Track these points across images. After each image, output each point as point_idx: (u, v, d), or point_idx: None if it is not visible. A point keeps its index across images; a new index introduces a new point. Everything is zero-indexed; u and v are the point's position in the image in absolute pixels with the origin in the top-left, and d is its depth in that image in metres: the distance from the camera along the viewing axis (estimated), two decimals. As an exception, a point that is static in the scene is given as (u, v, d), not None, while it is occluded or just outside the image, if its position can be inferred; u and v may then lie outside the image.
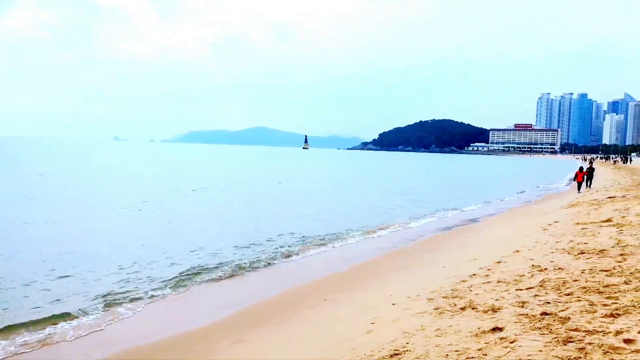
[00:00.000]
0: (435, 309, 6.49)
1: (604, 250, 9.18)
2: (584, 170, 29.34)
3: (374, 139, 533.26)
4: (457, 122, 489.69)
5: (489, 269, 8.79)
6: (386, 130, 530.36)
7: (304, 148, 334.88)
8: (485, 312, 6.00)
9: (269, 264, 11.37)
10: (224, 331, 7.23)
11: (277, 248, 12.85)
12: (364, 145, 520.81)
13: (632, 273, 7.01)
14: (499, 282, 7.65)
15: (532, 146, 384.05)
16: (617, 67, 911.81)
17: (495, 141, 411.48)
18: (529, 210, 22.12)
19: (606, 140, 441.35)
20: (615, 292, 6.14)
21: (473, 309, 6.23)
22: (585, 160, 74.51)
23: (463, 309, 6.31)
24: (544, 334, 4.92)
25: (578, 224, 13.74)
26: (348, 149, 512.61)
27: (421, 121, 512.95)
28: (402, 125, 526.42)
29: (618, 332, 4.62)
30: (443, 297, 7.04)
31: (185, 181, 34.27)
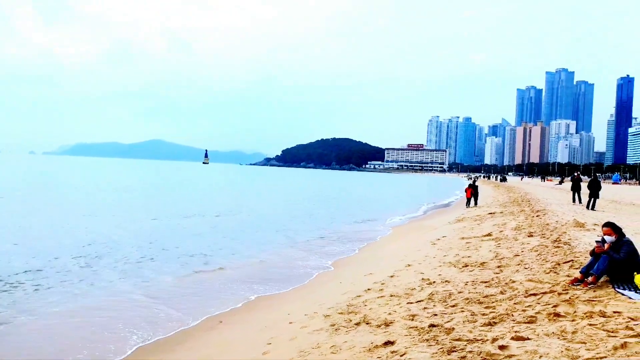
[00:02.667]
0: (332, 325, 6.57)
1: (484, 262, 9.96)
2: (472, 187, 31.90)
3: (277, 155, 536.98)
4: (356, 141, 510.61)
5: (383, 283, 9.12)
6: (289, 147, 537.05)
7: (203, 163, 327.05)
8: (379, 326, 6.18)
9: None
10: (109, 361, 6.67)
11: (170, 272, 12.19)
12: (267, 161, 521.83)
13: (506, 283, 7.68)
14: (392, 296, 7.95)
15: (424, 165, 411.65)
16: (494, 93, 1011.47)
17: (390, 159, 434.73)
18: (421, 225, 23.46)
19: (487, 160, 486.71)
20: (493, 302, 6.67)
21: (367, 323, 6.39)
22: (470, 179, 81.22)
23: (358, 324, 6.45)
24: (431, 345, 5.18)
25: (463, 238, 14.80)
26: (251, 164, 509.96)
27: (323, 139, 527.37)
28: (305, 142, 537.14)
29: (494, 340, 5.00)
30: (339, 313, 7.15)
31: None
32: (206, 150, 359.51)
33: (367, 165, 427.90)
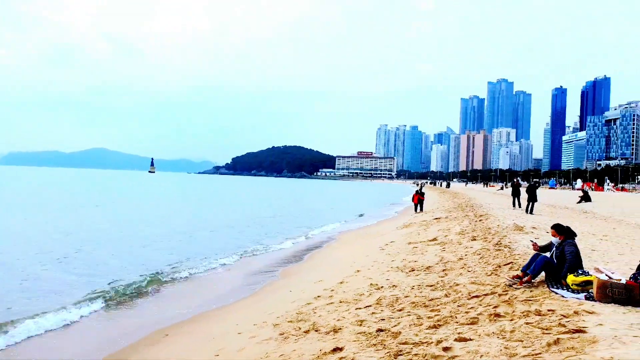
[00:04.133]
0: (281, 334, 6.53)
1: (430, 267, 10.23)
2: (419, 193, 32.80)
3: (227, 163, 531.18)
4: (307, 148, 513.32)
5: (332, 290, 9.17)
6: (239, 155, 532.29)
7: (149, 172, 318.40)
8: (327, 333, 6.21)
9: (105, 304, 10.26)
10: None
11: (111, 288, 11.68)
12: (217, 170, 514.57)
13: (451, 287, 7.91)
14: (341, 302, 8.01)
15: (373, 172, 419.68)
16: (440, 102, 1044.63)
17: (341, 167, 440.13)
18: (370, 231, 23.81)
19: (433, 167, 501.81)
20: (437, 305, 6.86)
21: (316, 331, 6.40)
22: (418, 185, 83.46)
23: (307, 332, 6.45)
24: (378, 349, 5.26)
25: (410, 243, 15.15)
26: (199, 172, 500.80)
27: (274, 147, 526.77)
28: (255, 150, 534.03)
29: (439, 342, 5.14)
30: (288, 322, 7.12)
31: None
32: (152, 159, 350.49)
33: (319, 173, 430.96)
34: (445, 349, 4.89)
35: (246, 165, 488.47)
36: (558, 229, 7.63)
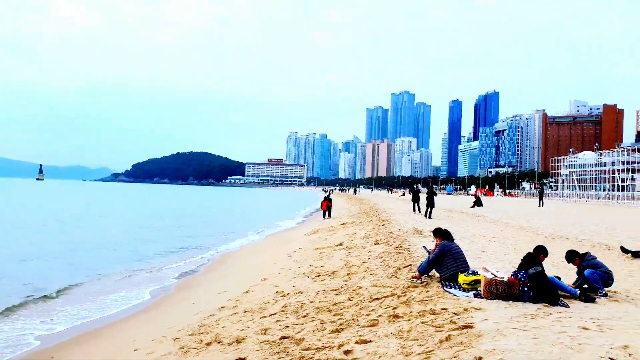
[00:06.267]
0: (181, 348, 6.26)
1: (335, 271, 10.42)
2: (327, 200, 33.53)
3: (127, 170, 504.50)
4: (215, 155, 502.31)
5: (237, 300, 8.99)
6: (140, 161, 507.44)
7: (37, 179, 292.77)
8: (230, 344, 6.06)
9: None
10: None
11: None
12: (115, 177, 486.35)
13: (354, 290, 8.11)
14: (245, 312, 7.87)
15: (284, 179, 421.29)
16: (347, 112, 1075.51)
17: (251, 174, 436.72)
18: (279, 238, 23.80)
19: (342, 174, 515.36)
20: (341, 309, 6.99)
21: (219, 342, 6.23)
22: (326, 192, 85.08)
23: (209, 344, 6.25)
24: (281, 357, 5.23)
25: (318, 249, 15.35)
26: (95, 180, 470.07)
27: (178, 153, 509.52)
28: (158, 156, 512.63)
29: (340, 345, 5.22)
30: (190, 335, 6.85)
31: None
32: (40, 165, 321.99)
33: (228, 180, 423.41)
34: (347, 352, 4.99)
35: (148, 172, 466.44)
36: (435, 232, 8.40)
